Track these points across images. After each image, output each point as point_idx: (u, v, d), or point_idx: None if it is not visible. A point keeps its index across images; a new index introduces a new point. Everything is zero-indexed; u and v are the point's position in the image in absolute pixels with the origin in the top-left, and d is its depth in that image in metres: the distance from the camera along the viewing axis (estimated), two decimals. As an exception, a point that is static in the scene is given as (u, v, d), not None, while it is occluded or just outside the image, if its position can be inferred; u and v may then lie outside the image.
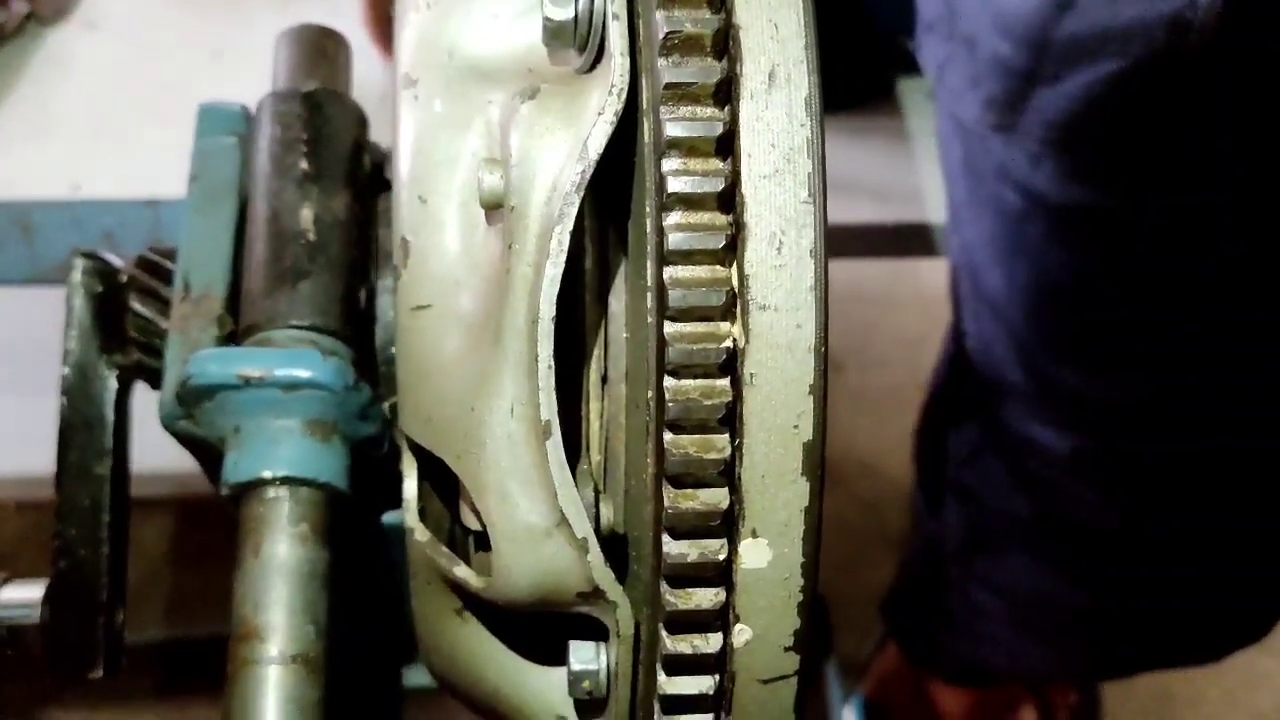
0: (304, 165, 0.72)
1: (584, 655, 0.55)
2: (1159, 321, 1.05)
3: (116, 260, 0.75)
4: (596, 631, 0.55)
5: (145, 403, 0.74)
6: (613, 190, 0.54)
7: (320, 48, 0.79)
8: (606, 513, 0.56)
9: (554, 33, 0.52)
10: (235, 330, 0.69)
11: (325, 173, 0.72)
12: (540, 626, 0.59)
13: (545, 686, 0.59)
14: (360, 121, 0.77)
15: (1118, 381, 1.10)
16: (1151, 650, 1.39)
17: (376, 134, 0.77)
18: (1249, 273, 1.01)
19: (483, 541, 0.60)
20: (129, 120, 1.25)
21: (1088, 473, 1.17)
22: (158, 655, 1.55)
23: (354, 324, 0.69)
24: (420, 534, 0.59)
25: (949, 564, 1.38)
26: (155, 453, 0.75)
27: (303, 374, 0.64)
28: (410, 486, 0.61)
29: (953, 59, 1.08)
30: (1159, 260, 1.02)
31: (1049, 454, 1.18)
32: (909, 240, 1.38)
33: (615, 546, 0.55)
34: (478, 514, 0.55)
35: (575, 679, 0.56)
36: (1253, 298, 1.03)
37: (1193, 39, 0.88)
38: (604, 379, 0.58)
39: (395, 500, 0.63)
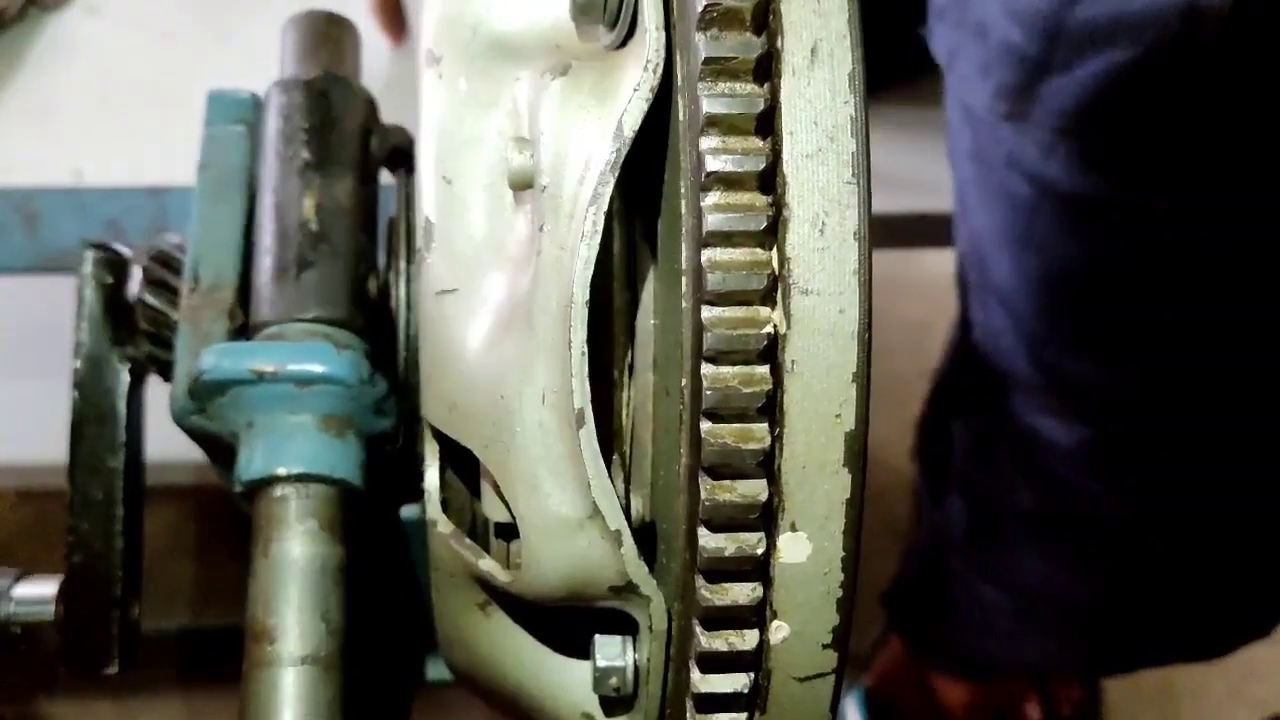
0: (305, 154, 0.70)
1: (610, 651, 0.54)
2: (1168, 313, 1.05)
3: (126, 250, 0.73)
4: (622, 625, 0.54)
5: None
6: (641, 174, 0.52)
7: (327, 34, 0.77)
8: (637, 504, 0.55)
9: (583, 8, 0.50)
10: (246, 322, 0.68)
11: (328, 160, 0.70)
12: (563, 620, 0.57)
13: (571, 682, 0.58)
14: (368, 106, 0.75)
15: (1125, 373, 1.10)
16: (1155, 645, 1.38)
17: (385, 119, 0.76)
18: (1262, 265, 1.01)
19: (505, 532, 0.59)
20: (132, 107, 1.23)
21: (1093, 465, 1.17)
22: (155, 647, 1.53)
23: (364, 312, 0.68)
24: (443, 526, 0.58)
25: (952, 556, 1.38)
26: (151, 443, 0.74)
27: (317, 369, 0.62)
28: (432, 477, 0.59)
29: (963, 47, 1.07)
30: (1170, 251, 1.01)
31: (1055, 446, 1.17)
32: (915, 229, 1.37)
33: (644, 539, 0.54)
34: (505, 504, 0.54)
35: (602, 675, 0.54)
36: (1266, 291, 1.02)
37: (1208, 28, 0.88)
38: (630, 368, 0.57)
39: (413, 494, 0.61)
